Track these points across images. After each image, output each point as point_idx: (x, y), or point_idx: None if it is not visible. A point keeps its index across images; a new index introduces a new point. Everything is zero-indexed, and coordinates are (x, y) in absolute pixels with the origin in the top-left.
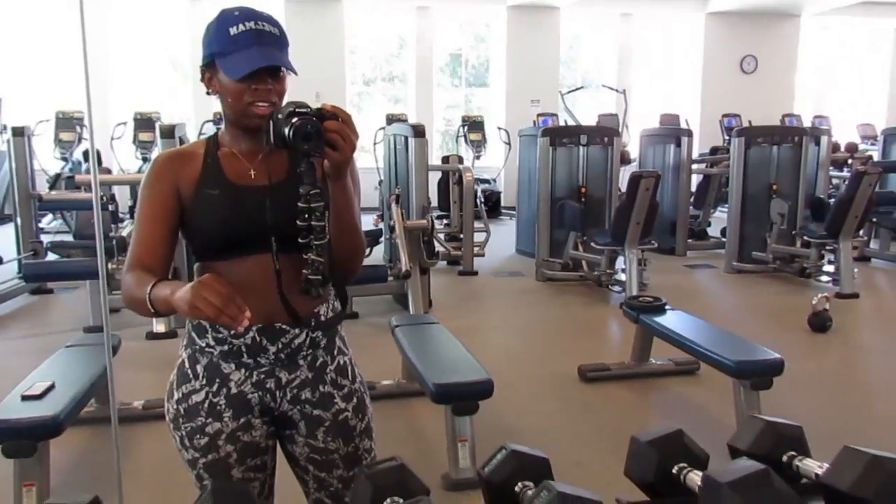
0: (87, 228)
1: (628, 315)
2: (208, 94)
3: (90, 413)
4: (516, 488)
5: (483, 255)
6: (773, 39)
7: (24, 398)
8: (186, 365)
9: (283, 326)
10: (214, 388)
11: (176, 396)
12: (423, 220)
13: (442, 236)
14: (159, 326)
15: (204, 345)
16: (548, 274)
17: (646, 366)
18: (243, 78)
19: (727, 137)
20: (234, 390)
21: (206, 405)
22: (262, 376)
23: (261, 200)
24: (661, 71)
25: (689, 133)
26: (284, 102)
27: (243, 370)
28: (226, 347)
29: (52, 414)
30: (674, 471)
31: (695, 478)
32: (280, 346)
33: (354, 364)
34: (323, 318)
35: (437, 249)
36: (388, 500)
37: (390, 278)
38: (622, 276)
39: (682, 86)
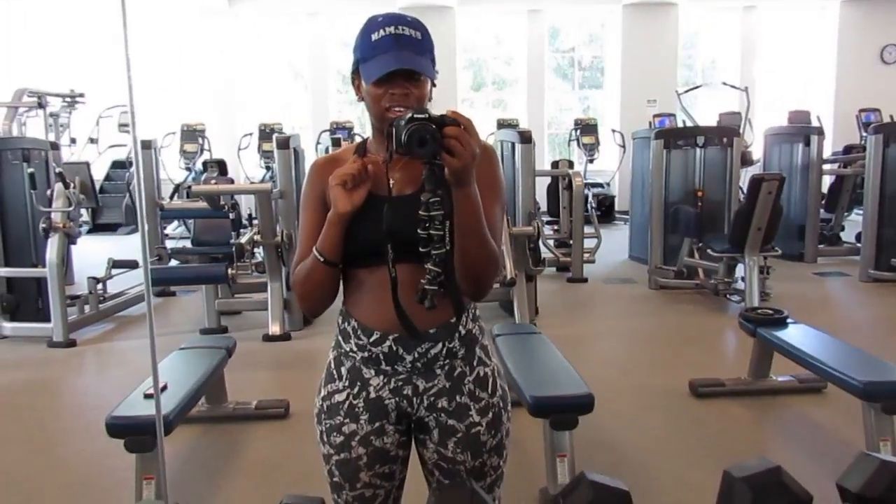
0: (203, 235)
1: (745, 328)
2: (359, 100)
3: (201, 412)
4: None
5: (593, 262)
6: None
7: (146, 396)
8: (332, 366)
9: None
10: (355, 390)
11: (322, 394)
12: (529, 227)
13: (551, 242)
14: (274, 328)
15: (348, 349)
16: (661, 282)
17: (764, 382)
18: (378, 81)
19: (864, 134)
20: (372, 395)
21: (345, 406)
22: (400, 383)
23: (393, 210)
24: (788, 65)
25: (819, 131)
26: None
27: (382, 376)
28: (365, 354)
29: (164, 413)
30: None
31: None
32: (416, 355)
33: (497, 375)
34: (461, 329)
35: (543, 256)
36: None
37: (496, 285)
38: (741, 285)
39: (814, 80)
